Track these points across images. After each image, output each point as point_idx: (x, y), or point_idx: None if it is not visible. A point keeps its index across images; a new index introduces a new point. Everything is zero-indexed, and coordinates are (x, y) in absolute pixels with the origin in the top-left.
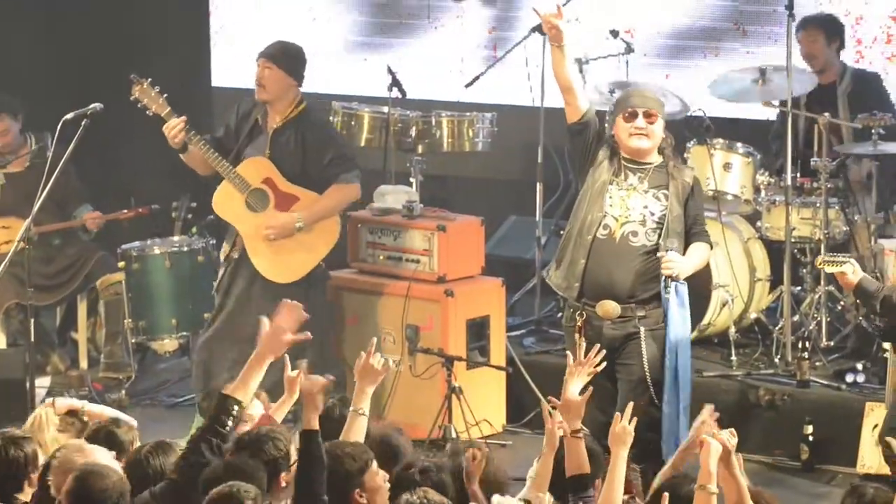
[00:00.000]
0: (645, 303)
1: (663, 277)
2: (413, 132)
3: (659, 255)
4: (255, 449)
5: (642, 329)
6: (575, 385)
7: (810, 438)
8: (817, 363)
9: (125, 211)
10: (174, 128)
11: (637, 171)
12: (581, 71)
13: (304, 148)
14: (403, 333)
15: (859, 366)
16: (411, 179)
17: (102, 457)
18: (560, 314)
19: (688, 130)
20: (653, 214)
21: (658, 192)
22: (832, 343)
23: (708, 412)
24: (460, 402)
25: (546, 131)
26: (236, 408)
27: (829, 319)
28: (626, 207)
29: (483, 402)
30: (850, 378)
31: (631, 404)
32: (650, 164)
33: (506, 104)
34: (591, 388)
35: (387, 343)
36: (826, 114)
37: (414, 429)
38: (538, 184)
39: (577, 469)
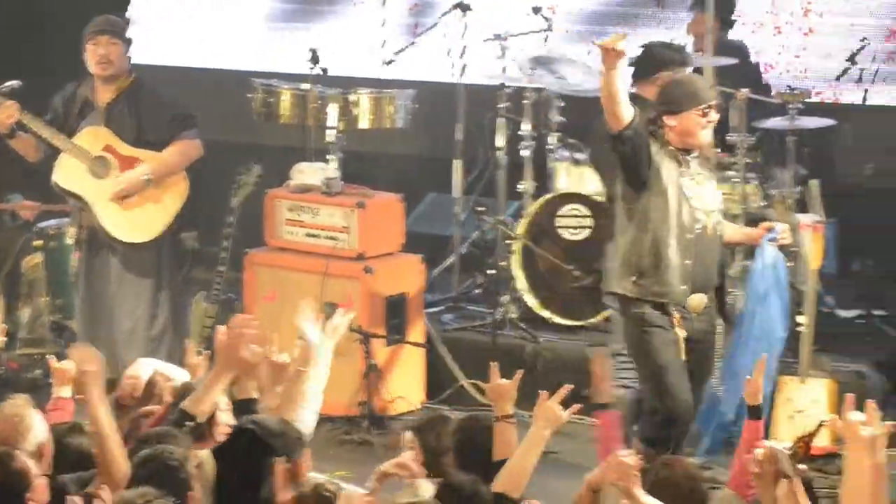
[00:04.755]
0: (714, 292)
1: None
2: (333, 109)
3: (779, 225)
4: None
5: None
6: None
7: None
8: None
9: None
10: (6, 111)
11: (692, 158)
12: (501, 48)
13: (139, 115)
14: (322, 311)
15: None
16: (331, 156)
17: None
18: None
19: None
20: (719, 201)
21: (711, 176)
22: None
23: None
24: (379, 379)
25: (466, 108)
26: (189, 424)
27: None
28: (704, 198)
29: (402, 378)
30: None
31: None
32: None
33: (426, 81)
34: (520, 372)
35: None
36: (744, 89)
37: (332, 406)
38: (457, 161)
39: (507, 454)
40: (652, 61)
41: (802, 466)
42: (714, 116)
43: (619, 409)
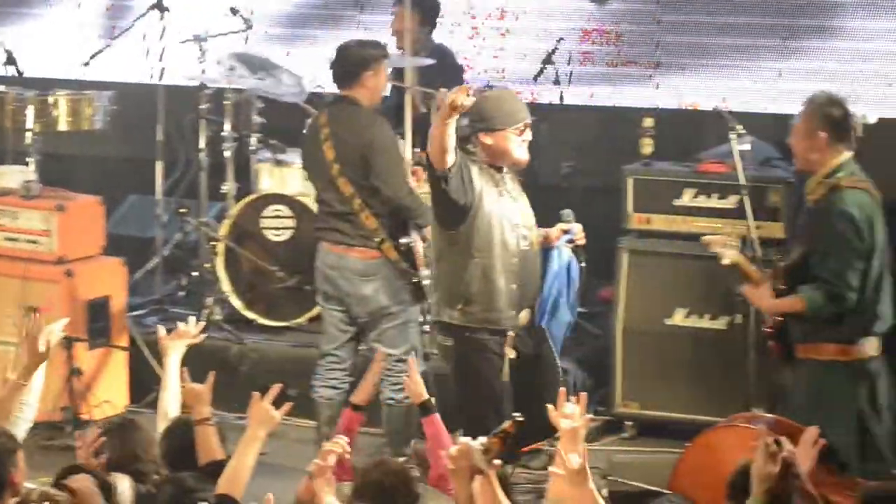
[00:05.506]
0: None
1: (573, 246)
2: (30, 111)
3: (575, 226)
4: None
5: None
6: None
7: None
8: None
9: None
10: None
11: (504, 176)
12: (201, 49)
13: None
14: (22, 315)
15: None
16: (29, 159)
17: None
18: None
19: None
20: (532, 214)
21: (522, 191)
22: None
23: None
24: (82, 383)
25: (166, 109)
26: None
27: None
28: (524, 214)
29: (105, 382)
30: None
31: None
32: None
33: (126, 82)
34: (211, 377)
35: (6, 326)
36: (443, 89)
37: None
38: (158, 162)
39: (210, 456)
40: (354, 63)
41: (498, 462)
42: (529, 135)
43: (326, 409)
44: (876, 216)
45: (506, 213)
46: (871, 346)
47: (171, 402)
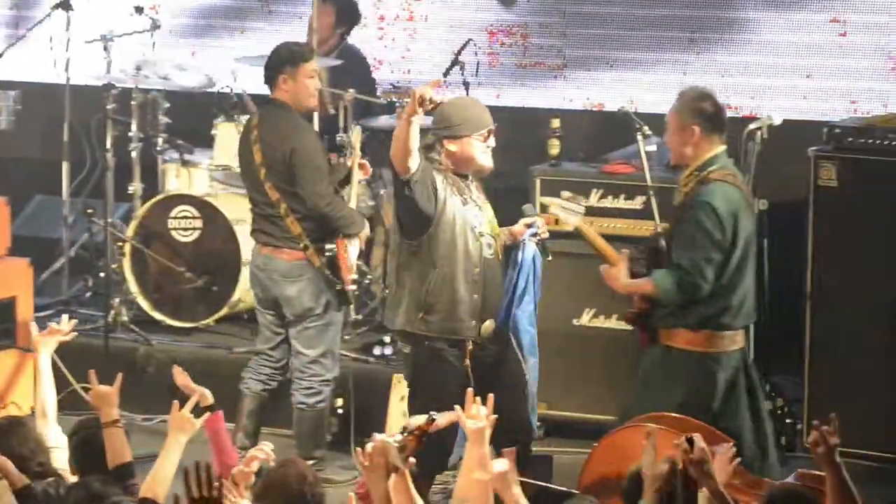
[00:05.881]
0: None
1: (538, 240)
2: None
3: (538, 220)
4: None
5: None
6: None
7: (340, 412)
8: (346, 336)
9: None
10: None
11: (469, 183)
12: (106, 49)
13: None
14: None
15: (386, 339)
16: None
17: None
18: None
19: (216, 108)
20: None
21: (486, 198)
22: (360, 316)
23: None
24: None
25: (72, 109)
26: None
27: (357, 293)
28: (491, 222)
29: (12, 384)
30: (377, 351)
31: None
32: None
33: (31, 82)
34: (119, 379)
35: None
36: (351, 90)
37: None
38: (64, 163)
39: (119, 459)
40: (272, 65)
41: (413, 459)
42: (493, 141)
43: (250, 403)
44: (742, 210)
45: (470, 221)
46: (729, 341)
47: (47, 399)
